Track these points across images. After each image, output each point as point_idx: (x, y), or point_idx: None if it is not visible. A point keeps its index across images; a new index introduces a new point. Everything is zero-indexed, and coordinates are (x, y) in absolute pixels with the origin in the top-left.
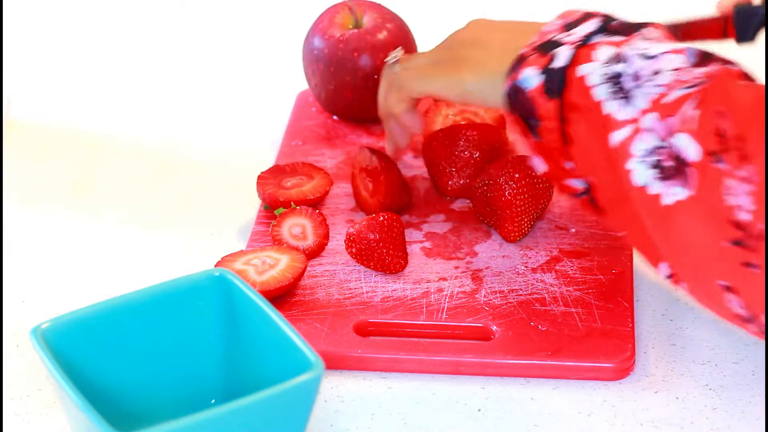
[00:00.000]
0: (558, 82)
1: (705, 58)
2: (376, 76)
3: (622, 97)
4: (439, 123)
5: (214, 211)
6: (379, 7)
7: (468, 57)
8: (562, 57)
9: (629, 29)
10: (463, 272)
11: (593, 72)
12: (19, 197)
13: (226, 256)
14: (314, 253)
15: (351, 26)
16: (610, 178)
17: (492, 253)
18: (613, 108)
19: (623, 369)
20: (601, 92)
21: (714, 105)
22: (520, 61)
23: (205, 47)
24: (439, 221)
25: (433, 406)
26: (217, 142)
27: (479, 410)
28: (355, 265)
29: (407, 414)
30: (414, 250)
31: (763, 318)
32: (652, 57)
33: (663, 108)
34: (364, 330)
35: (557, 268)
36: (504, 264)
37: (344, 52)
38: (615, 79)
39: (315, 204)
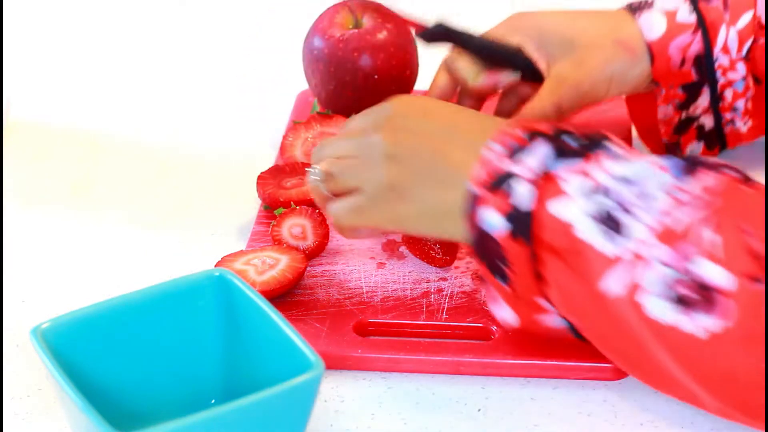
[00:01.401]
0: (526, 222)
1: (691, 168)
2: (376, 76)
3: (612, 231)
4: (299, 146)
5: (214, 211)
6: (379, 7)
7: (406, 196)
8: (523, 195)
9: (585, 147)
10: (463, 272)
11: (572, 210)
12: (19, 197)
13: (226, 256)
14: (314, 253)
15: (351, 26)
16: (600, 317)
17: None
18: (606, 245)
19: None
20: (587, 231)
21: (736, 224)
22: (474, 201)
23: (205, 47)
24: None
25: (433, 406)
26: (217, 142)
27: (479, 410)
28: (355, 265)
29: (407, 414)
30: None
31: None
32: (634, 180)
33: (671, 236)
34: (364, 330)
35: None
36: None
37: (344, 52)
38: (602, 214)
39: (315, 204)
